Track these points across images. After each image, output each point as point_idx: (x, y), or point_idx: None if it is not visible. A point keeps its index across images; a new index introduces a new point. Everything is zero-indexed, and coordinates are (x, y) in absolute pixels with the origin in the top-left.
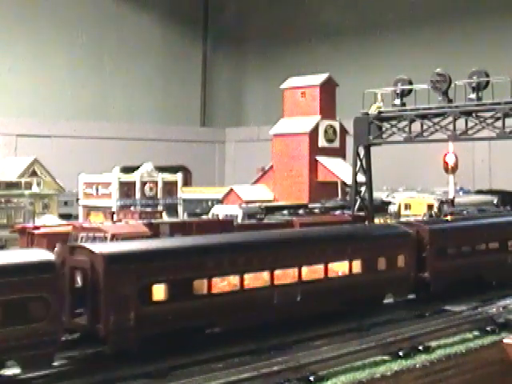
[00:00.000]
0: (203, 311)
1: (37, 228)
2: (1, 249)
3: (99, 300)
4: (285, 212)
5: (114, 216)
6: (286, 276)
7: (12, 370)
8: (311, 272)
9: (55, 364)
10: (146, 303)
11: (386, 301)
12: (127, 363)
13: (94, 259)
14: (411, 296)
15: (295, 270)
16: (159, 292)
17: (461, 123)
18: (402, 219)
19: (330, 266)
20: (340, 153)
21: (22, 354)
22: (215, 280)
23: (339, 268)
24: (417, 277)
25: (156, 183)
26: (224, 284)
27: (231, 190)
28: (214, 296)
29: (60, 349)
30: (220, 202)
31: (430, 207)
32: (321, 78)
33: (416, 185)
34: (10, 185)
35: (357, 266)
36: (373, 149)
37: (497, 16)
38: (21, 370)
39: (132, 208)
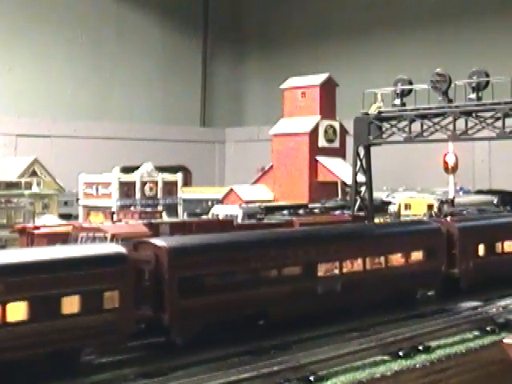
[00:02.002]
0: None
1: (37, 228)
2: (0, 249)
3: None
4: (285, 212)
5: (114, 216)
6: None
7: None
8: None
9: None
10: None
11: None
12: (127, 363)
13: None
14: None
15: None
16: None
17: (461, 123)
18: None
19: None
20: (340, 153)
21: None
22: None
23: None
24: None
25: (156, 183)
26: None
27: (231, 190)
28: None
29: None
30: (220, 201)
31: (430, 207)
32: (321, 77)
33: (416, 185)
34: (10, 185)
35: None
36: (373, 149)
37: (497, 16)
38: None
39: (132, 208)
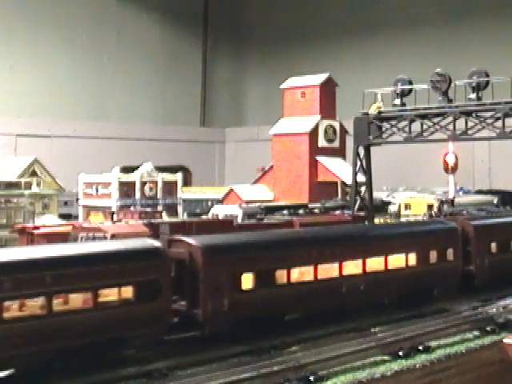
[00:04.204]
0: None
1: (37, 228)
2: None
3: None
4: (285, 212)
5: (114, 216)
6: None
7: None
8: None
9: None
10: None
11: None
12: (127, 363)
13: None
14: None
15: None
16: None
17: (461, 123)
18: (403, 219)
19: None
20: (340, 153)
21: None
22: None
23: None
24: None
25: (156, 183)
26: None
27: (231, 190)
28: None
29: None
30: (220, 202)
31: (430, 207)
32: (321, 78)
33: (416, 185)
34: (10, 185)
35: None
36: (373, 149)
37: (496, 16)
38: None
39: (132, 208)
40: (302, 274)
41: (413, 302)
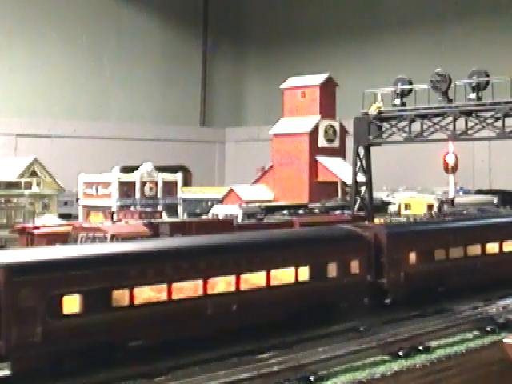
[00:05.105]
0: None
1: (37, 228)
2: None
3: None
4: (285, 212)
5: (114, 216)
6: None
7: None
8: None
9: None
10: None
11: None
12: (127, 364)
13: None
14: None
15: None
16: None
17: (461, 123)
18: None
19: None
20: (340, 153)
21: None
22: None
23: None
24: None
25: (156, 183)
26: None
27: (231, 190)
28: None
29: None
30: (220, 201)
31: (430, 207)
32: (321, 78)
33: (416, 185)
34: (10, 185)
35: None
36: (373, 149)
37: (496, 16)
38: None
39: (132, 208)
40: (151, 293)
41: (307, 323)
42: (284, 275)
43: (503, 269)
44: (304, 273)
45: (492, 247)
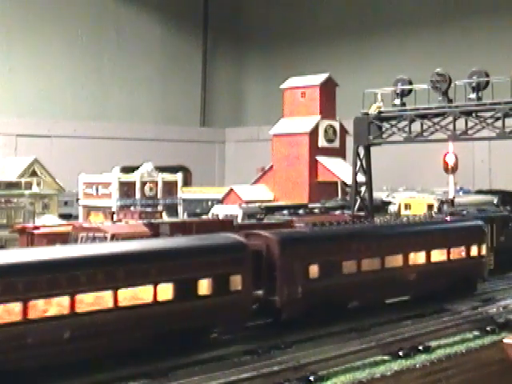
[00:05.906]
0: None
1: (37, 228)
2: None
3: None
4: (285, 212)
5: (114, 216)
6: None
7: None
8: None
9: None
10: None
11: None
12: (127, 363)
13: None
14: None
15: None
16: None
17: (461, 123)
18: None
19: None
20: (340, 153)
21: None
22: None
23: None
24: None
25: (156, 183)
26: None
27: (231, 190)
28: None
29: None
30: (220, 201)
31: (430, 207)
32: (321, 78)
33: (416, 185)
34: (10, 185)
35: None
36: (373, 149)
37: (496, 16)
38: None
39: (132, 208)
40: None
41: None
42: (140, 294)
43: (430, 281)
44: (166, 291)
45: (417, 257)
